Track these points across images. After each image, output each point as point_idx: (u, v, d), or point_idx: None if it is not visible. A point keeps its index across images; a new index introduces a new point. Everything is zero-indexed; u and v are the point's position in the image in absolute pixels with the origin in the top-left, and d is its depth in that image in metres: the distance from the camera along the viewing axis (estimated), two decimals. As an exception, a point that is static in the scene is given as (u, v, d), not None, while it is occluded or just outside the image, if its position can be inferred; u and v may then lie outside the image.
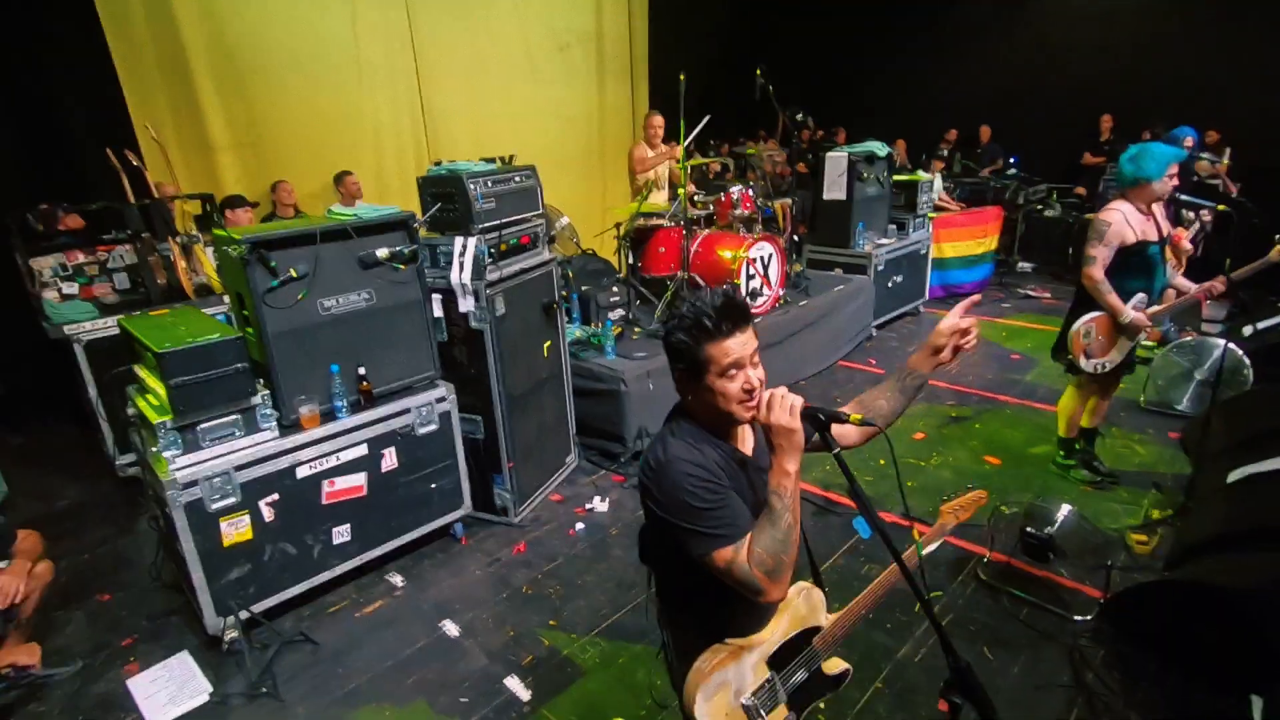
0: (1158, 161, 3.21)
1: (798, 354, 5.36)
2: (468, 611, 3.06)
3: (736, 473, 1.50)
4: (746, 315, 1.43)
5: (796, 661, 1.64)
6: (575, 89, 8.30)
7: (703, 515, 1.39)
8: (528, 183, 3.65)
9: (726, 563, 1.39)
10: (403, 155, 6.97)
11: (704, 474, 1.41)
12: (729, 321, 1.39)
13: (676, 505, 1.41)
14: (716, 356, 1.39)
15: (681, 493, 1.40)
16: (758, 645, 1.59)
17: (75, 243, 4.27)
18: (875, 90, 10.42)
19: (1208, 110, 7.20)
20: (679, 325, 1.43)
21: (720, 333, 1.39)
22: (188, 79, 5.49)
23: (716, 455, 1.47)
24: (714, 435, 1.51)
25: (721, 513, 1.40)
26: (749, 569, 1.37)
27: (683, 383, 1.49)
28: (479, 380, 3.47)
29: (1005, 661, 2.63)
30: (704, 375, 1.42)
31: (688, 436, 1.48)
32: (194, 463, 2.65)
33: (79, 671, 2.77)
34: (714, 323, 1.38)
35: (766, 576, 1.37)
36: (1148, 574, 3.04)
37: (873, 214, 6.42)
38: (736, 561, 1.38)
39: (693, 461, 1.42)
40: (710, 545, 1.39)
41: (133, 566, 3.49)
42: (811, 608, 1.71)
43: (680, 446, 1.45)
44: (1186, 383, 4.50)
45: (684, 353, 1.43)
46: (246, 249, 2.67)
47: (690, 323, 1.40)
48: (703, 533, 1.39)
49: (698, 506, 1.39)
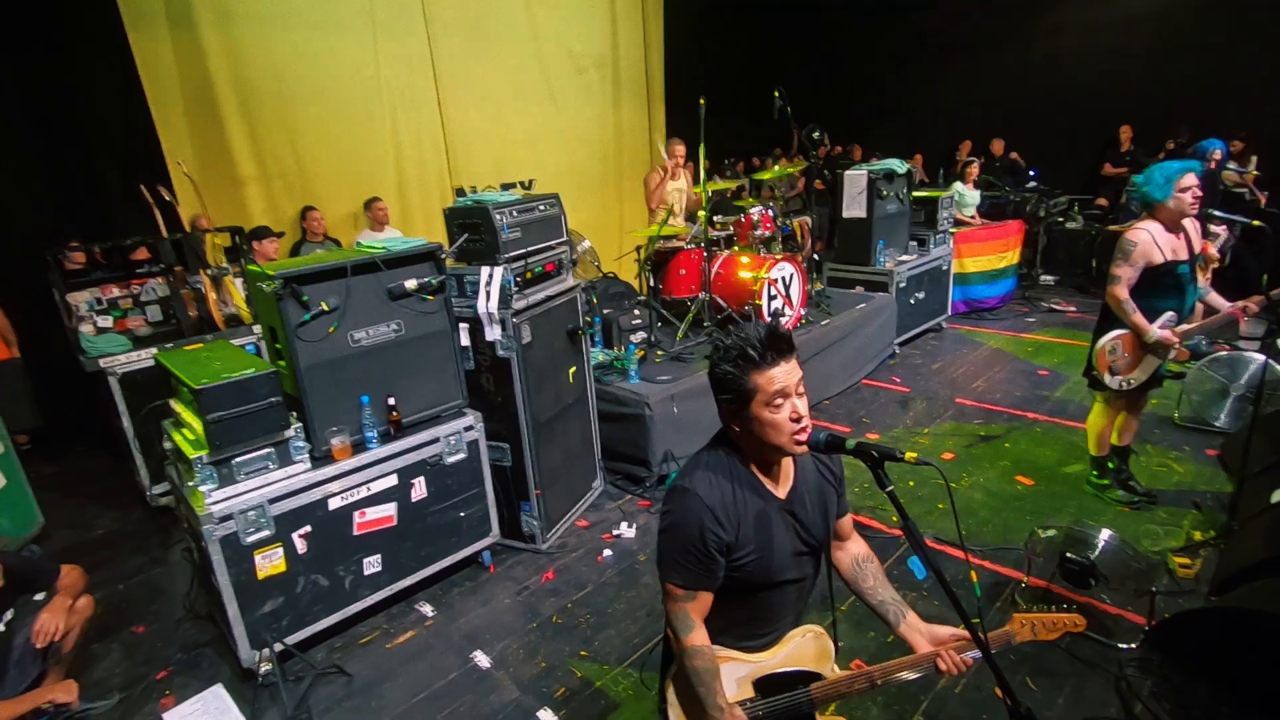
0: (1160, 183, 3.15)
1: (822, 373, 5.32)
2: (498, 642, 3.05)
3: (764, 513, 1.50)
4: (790, 345, 1.45)
5: (785, 698, 1.59)
6: (592, 112, 8.39)
7: (680, 546, 1.47)
8: (552, 211, 3.68)
9: (673, 595, 1.51)
10: (425, 181, 7.07)
11: (708, 519, 1.44)
12: (774, 351, 1.41)
13: (670, 527, 1.49)
14: (763, 385, 1.41)
15: (678, 522, 1.47)
16: (749, 663, 1.59)
17: (110, 277, 4.36)
18: (890, 104, 10.42)
19: (1231, 118, 7.11)
20: (724, 356, 1.45)
21: (766, 362, 1.41)
22: (215, 113, 5.62)
23: (743, 494, 1.49)
24: (752, 471, 1.51)
25: (699, 560, 1.46)
26: (679, 619, 1.51)
27: (729, 414, 1.50)
28: (506, 407, 3.48)
29: (1049, 692, 2.57)
30: (749, 405, 1.43)
31: (719, 469, 1.51)
32: (229, 496, 2.67)
33: (116, 705, 2.80)
34: (759, 353, 1.41)
35: (675, 640, 1.54)
36: (1193, 599, 2.97)
37: (893, 231, 6.39)
38: (680, 604, 1.50)
39: (708, 503, 1.45)
40: (671, 574, 1.50)
41: (166, 597, 3.52)
42: (817, 653, 1.67)
43: (705, 480, 1.49)
44: (1223, 398, 4.41)
45: (729, 383, 1.44)
46: (280, 284, 2.71)
47: (736, 353, 1.42)
48: (673, 560, 1.49)
49: (680, 539, 1.47)
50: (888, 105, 10.42)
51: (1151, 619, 2.77)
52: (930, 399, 5.34)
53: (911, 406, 5.24)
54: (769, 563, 1.50)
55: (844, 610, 2.95)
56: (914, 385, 5.64)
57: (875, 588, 1.73)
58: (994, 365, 5.93)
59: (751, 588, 1.53)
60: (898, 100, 10.34)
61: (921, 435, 4.74)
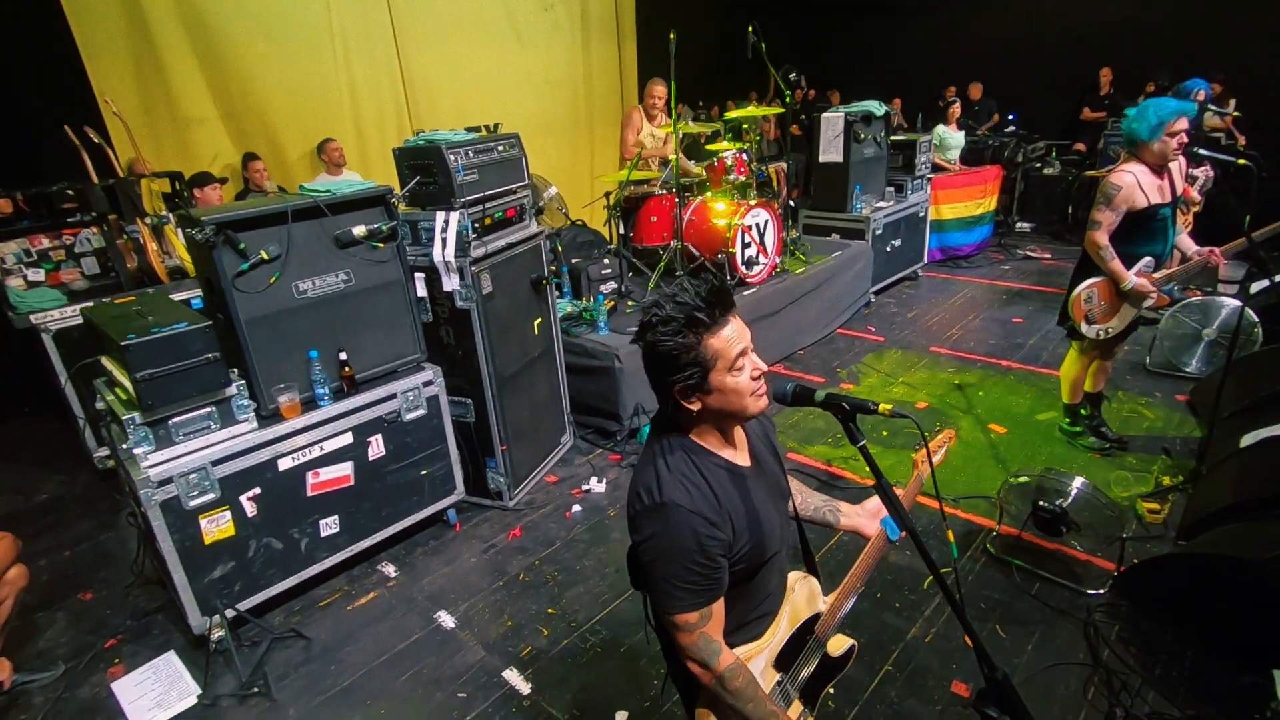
0: (1150, 121, 3.01)
1: (795, 323, 5.22)
2: (463, 601, 2.97)
3: (743, 490, 1.36)
4: (731, 299, 1.29)
5: (801, 657, 1.54)
6: (560, 50, 8.00)
7: (679, 570, 1.26)
8: (511, 152, 3.45)
9: (687, 625, 1.28)
10: (384, 126, 6.71)
11: (701, 526, 1.25)
12: (720, 308, 1.25)
13: (659, 555, 1.27)
14: (721, 350, 1.25)
15: (668, 546, 1.26)
16: (761, 652, 1.49)
17: (38, 226, 4.05)
18: (867, 48, 10.12)
19: (1212, 60, 6.97)
20: (670, 331, 1.23)
21: (716, 323, 1.25)
22: (152, 49, 5.22)
23: (719, 481, 1.32)
24: (713, 451, 1.36)
25: (705, 575, 1.27)
26: (700, 649, 1.30)
27: (685, 393, 1.29)
28: (467, 361, 3.33)
29: (1019, 639, 2.56)
30: (710, 375, 1.26)
31: (683, 467, 1.31)
32: (168, 459, 2.51)
33: (61, 676, 2.67)
34: (708, 314, 1.23)
35: (704, 671, 1.33)
36: (1161, 544, 2.97)
37: (870, 176, 6.23)
38: (696, 632, 1.29)
39: (693, 509, 1.25)
40: (675, 605, 1.28)
41: (115, 563, 3.37)
42: (809, 597, 1.60)
43: (677, 486, 1.27)
44: (1194, 343, 4.40)
45: (684, 359, 1.24)
46: (212, 230, 2.50)
47: (682, 322, 1.23)
48: (673, 587, 1.27)
49: (678, 561, 1.25)
50: (866, 50, 10.11)
51: (1120, 565, 2.77)
52: (905, 348, 5.28)
53: (886, 356, 5.18)
54: (763, 541, 1.36)
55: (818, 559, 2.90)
56: (889, 334, 5.57)
57: (803, 502, 1.68)
58: (969, 313, 5.88)
59: (749, 574, 1.40)
60: (876, 45, 10.04)
61: (896, 384, 4.69)
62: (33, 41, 4.82)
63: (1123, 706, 2.24)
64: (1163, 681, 2.34)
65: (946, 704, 2.33)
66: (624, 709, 2.40)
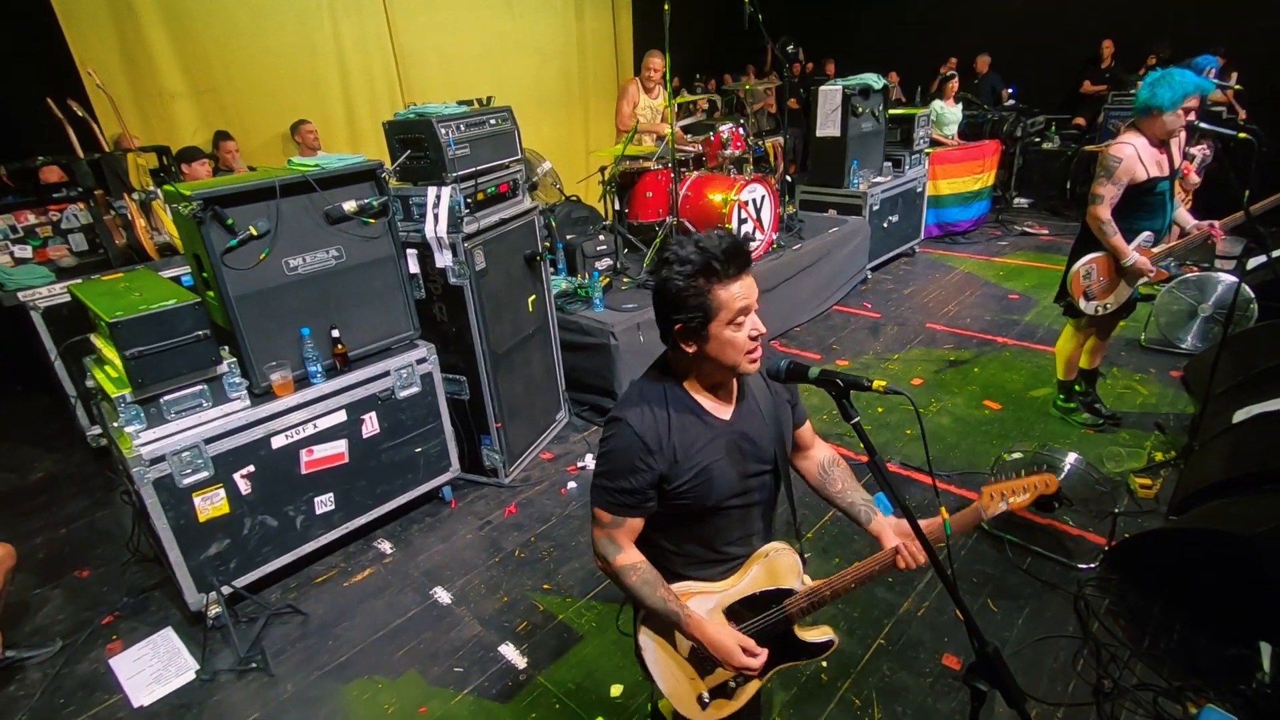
0: (1174, 90, 2.97)
1: (791, 300, 5.20)
2: (459, 577, 2.99)
3: (705, 437, 1.40)
4: (749, 258, 1.33)
5: (757, 620, 1.54)
6: (553, 21, 7.85)
7: (608, 474, 1.40)
8: (504, 125, 3.40)
9: (600, 521, 1.45)
10: (375, 99, 6.61)
11: (637, 449, 1.36)
12: (736, 265, 1.29)
13: (603, 455, 1.42)
14: (726, 302, 1.29)
15: (609, 451, 1.40)
16: (714, 594, 1.51)
17: (23, 202, 3.99)
18: (865, 19, 9.95)
19: (1211, 33, 6.88)
20: (685, 271, 1.29)
21: (729, 276, 1.28)
22: (134, 19, 5.10)
23: (680, 421, 1.39)
24: (692, 396, 1.42)
25: (622, 483, 1.39)
26: (604, 544, 1.45)
27: (684, 334, 1.34)
28: (461, 338, 3.31)
29: (1010, 613, 2.59)
30: (711, 324, 1.30)
31: (653, 398, 1.41)
32: (160, 437, 2.50)
33: (59, 652, 2.69)
34: (723, 266, 1.27)
35: (603, 564, 1.48)
36: (1152, 519, 2.99)
37: (868, 151, 6.16)
38: (605, 529, 1.44)
39: (639, 432, 1.36)
40: (598, 499, 1.44)
41: (111, 540, 3.37)
42: (784, 569, 1.59)
43: (638, 410, 1.39)
44: (1190, 319, 4.40)
45: (689, 301, 1.29)
46: (199, 206, 2.46)
47: (697, 267, 1.28)
48: (602, 487, 1.42)
49: (609, 468, 1.40)
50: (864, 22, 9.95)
51: (1111, 540, 2.79)
52: (901, 325, 5.27)
53: (882, 332, 5.17)
54: (710, 489, 1.41)
55: (810, 537, 2.92)
56: (885, 311, 5.56)
57: (844, 491, 1.66)
58: (965, 290, 5.86)
59: (697, 513, 1.45)
60: (875, 15, 9.87)
61: (891, 361, 4.69)
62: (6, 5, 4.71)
63: (1111, 678, 2.27)
64: (1150, 654, 2.37)
65: (938, 676, 2.36)
66: (618, 683, 2.43)
